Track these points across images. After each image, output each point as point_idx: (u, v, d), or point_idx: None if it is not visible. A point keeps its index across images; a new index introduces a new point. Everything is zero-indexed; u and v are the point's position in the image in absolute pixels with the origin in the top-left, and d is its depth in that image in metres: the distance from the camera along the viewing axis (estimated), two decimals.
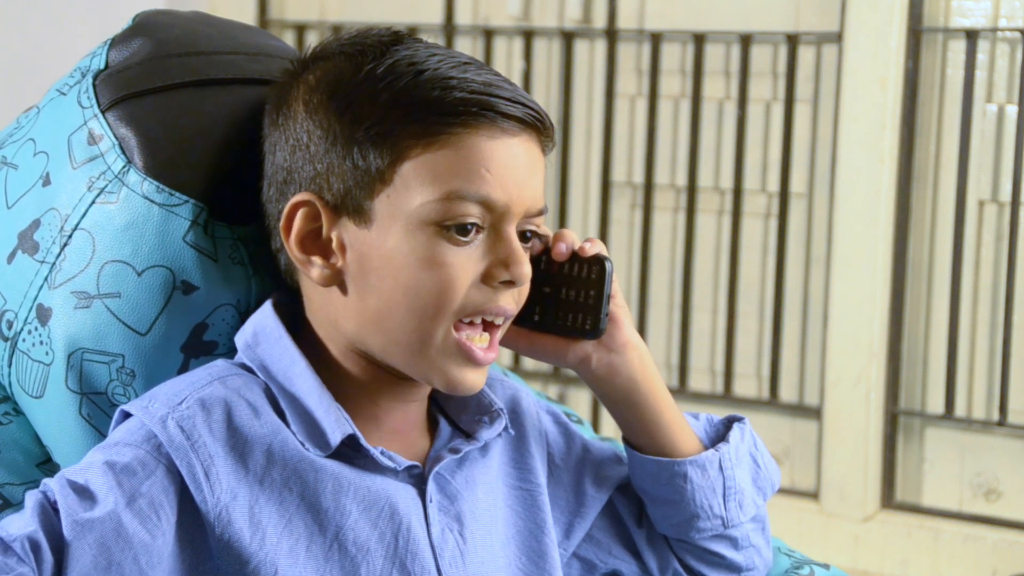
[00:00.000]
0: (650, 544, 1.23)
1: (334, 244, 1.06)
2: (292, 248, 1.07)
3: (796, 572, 1.30)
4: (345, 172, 1.04)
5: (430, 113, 1.03)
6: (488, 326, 1.08)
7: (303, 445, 1.05)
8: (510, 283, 1.06)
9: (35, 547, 0.95)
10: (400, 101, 1.03)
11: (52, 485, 0.99)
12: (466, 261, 1.04)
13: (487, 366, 1.09)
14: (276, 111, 1.09)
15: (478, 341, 1.07)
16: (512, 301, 1.08)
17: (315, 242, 1.07)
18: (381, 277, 1.05)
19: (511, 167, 1.05)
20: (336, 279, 1.07)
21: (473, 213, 1.04)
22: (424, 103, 1.03)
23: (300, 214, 1.06)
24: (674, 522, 1.20)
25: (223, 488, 1.01)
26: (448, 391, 1.08)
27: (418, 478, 1.09)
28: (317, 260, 1.07)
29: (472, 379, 1.08)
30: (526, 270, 1.06)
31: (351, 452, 1.06)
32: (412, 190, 1.03)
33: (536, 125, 1.07)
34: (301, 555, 1.03)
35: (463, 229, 1.04)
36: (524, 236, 1.09)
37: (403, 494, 1.08)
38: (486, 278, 1.05)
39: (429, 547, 1.08)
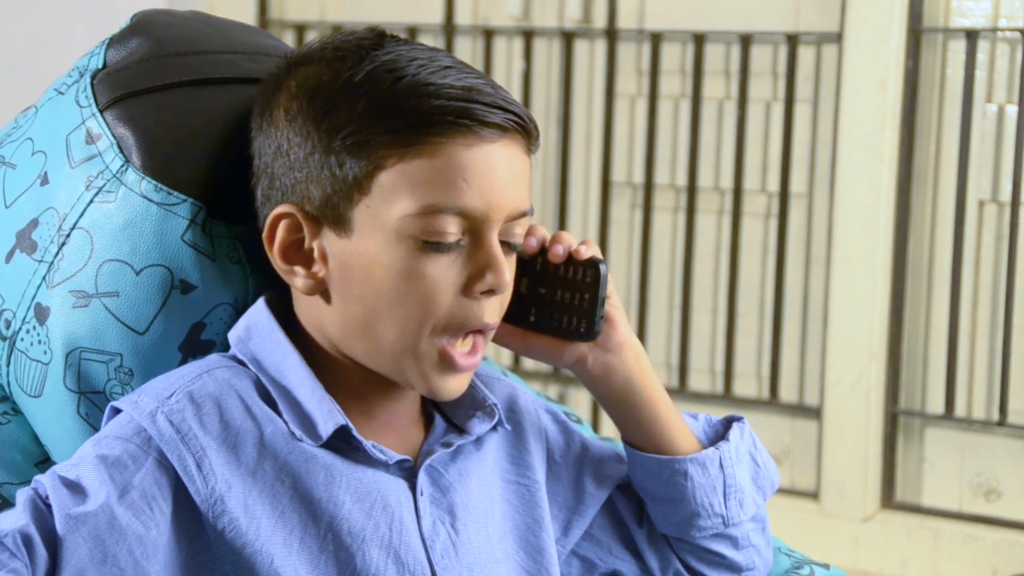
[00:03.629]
0: (651, 544, 1.23)
1: (316, 254, 1.06)
2: (275, 258, 1.07)
3: (796, 572, 1.30)
4: (324, 181, 1.04)
5: (406, 122, 1.02)
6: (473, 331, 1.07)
7: (294, 435, 1.05)
8: (491, 292, 1.05)
9: (27, 542, 0.95)
10: (376, 110, 1.02)
11: (44, 481, 1.00)
12: (446, 271, 1.04)
13: (470, 372, 1.08)
14: (260, 116, 1.09)
15: (460, 346, 1.06)
16: (496, 313, 1.07)
17: (298, 252, 1.07)
18: (363, 286, 1.04)
19: (490, 175, 1.03)
20: (319, 288, 1.07)
21: (452, 226, 1.03)
22: (400, 111, 1.02)
23: (282, 225, 1.06)
24: (674, 521, 1.20)
25: (217, 479, 1.01)
26: (429, 396, 1.08)
27: (409, 471, 1.09)
28: (300, 270, 1.06)
29: (453, 386, 1.07)
30: (507, 278, 1.05)
31: (342, 445, 1.06)
32: (390, 200, 1.02)
33: (517, 129, 1.05)
34: (295, 547, 1.03)
35: (443, 242, 1.03)
36: (508, 245, 1.07)
37: (394, 487, 1.08)
38: (467, 289, 1.04)
39: (420, 539, 1.08)
